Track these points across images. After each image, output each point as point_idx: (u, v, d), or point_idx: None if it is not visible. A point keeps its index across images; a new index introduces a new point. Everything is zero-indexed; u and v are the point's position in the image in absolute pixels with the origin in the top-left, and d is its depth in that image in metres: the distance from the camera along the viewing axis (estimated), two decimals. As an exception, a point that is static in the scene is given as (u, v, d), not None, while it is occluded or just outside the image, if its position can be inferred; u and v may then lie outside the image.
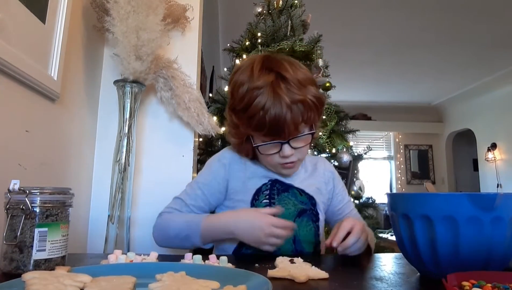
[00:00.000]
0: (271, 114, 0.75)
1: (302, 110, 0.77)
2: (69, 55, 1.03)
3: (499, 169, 5.08)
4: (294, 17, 1.99)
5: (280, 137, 0.79)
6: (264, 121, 0.76)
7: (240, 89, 0.80)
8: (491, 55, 4.27)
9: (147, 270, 0.49)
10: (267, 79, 0.77)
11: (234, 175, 0.90)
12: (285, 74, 0.78)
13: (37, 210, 0.54)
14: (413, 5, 3.21)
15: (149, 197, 1.25)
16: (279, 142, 0.80)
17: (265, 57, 0.84)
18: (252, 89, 0.78)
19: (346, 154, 1.82)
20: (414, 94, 5.78)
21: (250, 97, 0.77)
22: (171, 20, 1.21)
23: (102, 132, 1.26)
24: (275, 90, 0.76)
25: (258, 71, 0.80)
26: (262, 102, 0.76)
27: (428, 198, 0.53)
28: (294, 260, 0.64)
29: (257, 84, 0.77)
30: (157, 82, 1.20)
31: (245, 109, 0.79)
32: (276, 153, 0.82)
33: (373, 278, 0.60)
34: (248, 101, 0.78)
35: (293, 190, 0.89)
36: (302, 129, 0.81)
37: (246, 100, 0.78)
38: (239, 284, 0.43)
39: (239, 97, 0.80)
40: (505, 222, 0.50)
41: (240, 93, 0.80)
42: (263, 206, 0.86)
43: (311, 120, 0.81)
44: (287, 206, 0.86)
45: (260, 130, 0.78)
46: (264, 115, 0.76)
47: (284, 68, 0.80)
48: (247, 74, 0.80)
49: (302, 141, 0.83)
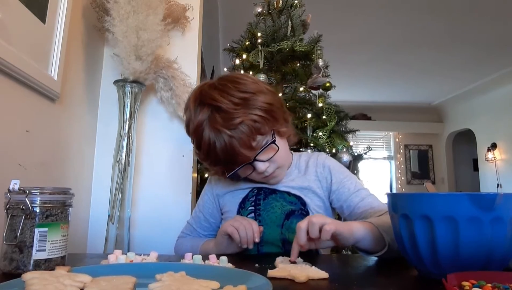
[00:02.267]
0: (218, 148, 0.76)
1: (247, 130, 0.75)
2: (69, 55, 1.03)
3: (499, 169, 5.08)
4: (294, 17, 1.99)
5: (244, 161, 0.78)
6: (216, 155, 0.77)
7: (189, 128, 0.82)
8: (491, 55, 4.27)
9: (147, 270, 0.49)
10: (203, 116, 0.77)
11: (221, 191, 0.95)
12: (218, 104, 0.76)
13: (37, 210, 0.54)
14: (413, 5, 3.22)
15: (149, 197, 1.25)
16: (247, 163, 0.79)
17: (198, 91, 0.82)
18: (195, 127, 0.79)
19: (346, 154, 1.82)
20: (414, 94, 5.78)
21: (197, 135, 0.79)
22: (171, 20, 1.21)
23: (102, 132, 1.26)
24: (213, 125, 0.76)
25: (193, 108, 0.80)
26: (206, 138, 0.77)
27: (428, 198, 0.53)
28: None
29: (197, 120, 0.78)
30: (157, 82, 1.20)
31: (198, 148, 0.81)
32: (252, 172, 0.83)
33: (373, 278, 0.60)
34: (197, 139, 0.79)
35: (281, 191, 0.89)
36: (262, 142, 0.79)
37: (195, 138, 0.81)
38: (239, 284, 0.43)
39: (191, 135, 0.82)
40: (505, 222, 0.50)
41: (190, 131, 0.82)
42: (248, 213, 0.87)
43: (265, 130, 0.78)
44: (274, 210, 0.86)
45: (219, 164, 0.80)
46: (214, 150, 0.76)
47: (215, 100, 0.77)
48: (189, 112, 0.82)
49: (269, 151, 0.80)
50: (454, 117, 6.10)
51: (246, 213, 0.87)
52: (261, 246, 0.84)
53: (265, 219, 0.85)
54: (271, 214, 0.85)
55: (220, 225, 0.95)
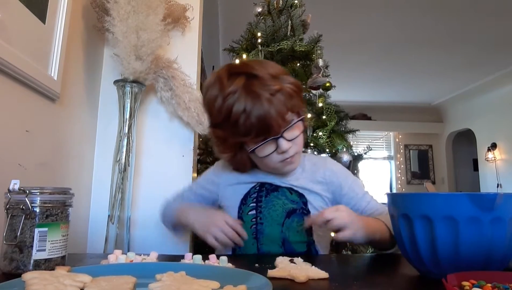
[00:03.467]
0: (254, 114, 0.73)
1: (283, 99, 0.76)
2: (69, 55, 1.03)
3: (499, 169, 5.08)
4: (294, 17, 1.98)
5: (271, 133, 0.77)
6: (250, 123, 0.73)
7: (215, 103, 0.77)
8: (491, 55, 4.27)
9: (147, 270, 0.49)
10: (239, 82, 0.75)
11: (224, 182, 0.93)
12: (254, 72, 0.77)
13: (37, 210, 0.54)
14: (414, 5, 3.21)
15: (149, 197, 1.25)
16: (273, 138, 0.78)
17: (229, 66, 0.82)
18: (226, 97, 0.75)
19: (346, 154, 1.82)
20: (414, 94, 5.78)
21: (228, 105, 0.75)
22: (171, 20, 1.21)
23: (102, 132, 1.26)
24: (251, 89, 0.74)
25: (227, 80, 0.77)
26: (242, 105, 0.73)
27: (428, 198, 0.53)
28: (294, 260, 0.64)
29: (230, 90, 0.75)
30: (157, 82, 1.20)
31: (227, 118, 0.76)
32: (273, 152, 0.80)
33: (373, 278, 0.60)
34: (227, 110, 0.75)
35: (283, 189, 0.88)
36: (291, 119, 0.79)
37: (225, 109, 0.75)
38: (239, 284, 0.43)
39: (216, 111, 0.77)
40: (505, 222, 0.50)
41: (216, 107, 0.77)
42: (249, 209, 0.86)
43: (296, 107, 0.80)
44: (275, 207, 0.85)
45: (249, 134, 0.76)
46: (248, 117, 0.73)
47: (251, 68, 0.78)
48: (217, 87, 0.78)
49: (295, 130, 0.81)
50: (454, 117, 6.09)
51: (248, 210, 0.86)
52: (261, 245, 0.84)
53: (266, 216, 0.85)
54: (272, 212, 0.85)
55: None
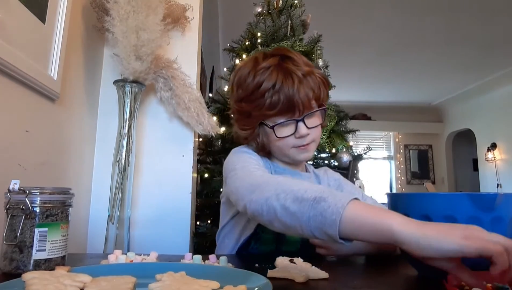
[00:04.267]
0: (283, 90, 0.75)
1: (312, 84, 0.78)
2: (69, 55, 1.03)
3: (499, 169, 5.08)
4: (294, 17, 1.99)
5: (294, 114, 0.78)
6: (277, 98, 0.76)
7: (247, 78, 0.81)
8: (491, 55, 4.27)
9: (147, 270, 0.49)
10: (273, 61, 0.79)
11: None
12: (289, 55, 0.81)
13: (37, 210, 0.54)
14: (413, 5, 3.21)
15: (149, 197, 1.25)
16: (294, 120, 0.79)
17: (264, 51, 0.87)
18: (258, 71, 0.78)
19: (346, 154, 1.82)
20: (414, 94, 5.78)
21: (258, 80, 0.78)
22: (171, 20, 1.21)
23: (102, 132, 1.26)
24: (284, 67, 0.78)
25: (262, 59, 0.81)
26: (273, 80, 0.76)
27: (428, 198, 0.53)
28: (294, 260, 0.64)
29: (263, 65, 0.79)
30: (157, 82, 1.20)
31: (255, 91, 0.78)
32: (291, 135, 0.80)
33: (373, 278, 0.60)
34: (257, 83, 0.78)
35: None
36: (314, 106, 0.81)
37: (255, 83, 0.78)
38: (239, 284, 0.42)
39: (246, 84, 0.80)
40: (505, 222, 0.50)
41: (247, 81, 0.80)
42: None
43: (321, 96, 0.81)
44: None
45: (274, 108, 0.77)
46: (277, 92, 0.76)
47: (287, 51, 0.83)
48: (251, 65, 0.82)
49: (315, 119, 0.82)
50: (454, 117, 6.10)
51: None
52: (280, 245, 0.83)
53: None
54: None
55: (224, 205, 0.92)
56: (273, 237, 0.82)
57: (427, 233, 0.44)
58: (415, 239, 0.44)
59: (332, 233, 0.49)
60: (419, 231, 0.44)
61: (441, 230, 0.44)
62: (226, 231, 0.91)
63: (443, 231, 0.43)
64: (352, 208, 0.50)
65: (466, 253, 0.41)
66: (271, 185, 0.61)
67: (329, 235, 0.50)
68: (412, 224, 0.45)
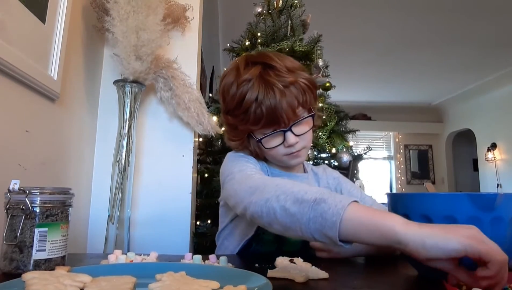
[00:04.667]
0: (265, 104, 0.74)
1: (296, 93, 0.76)
2: (69, 55, 1.03)
3: (499, 169, 5.08)
4: (294, 17, 1.98)
5: (280, 125, 0.77)
6: (260, 112, 0.74)
7: (230, 90, 0.79)
8: (491, 55, 4.27)
9: (147, 270, 0.49)
10: (254, 71, 0.77)
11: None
12: (271, 63, 0.78)
13: (37, 210, 0.54)
14: (413, 5, 3.21)
15: (149, 197, 1.25)
16: (281, 131, 0.78)
17: (247, 56, 0.84)
18: (241, 84, 0.77)
19: (346, 154, 1.82)
20: (414, 94, 5.78)
21: (241, 92, 0.76)
22: (171, 20, 1.21)
23: (102, 132, 1.26)
24: (265, 79, 0.75)
25: (243, 68, 0.79)
26: (254, 94, 0.75)
27: (428, 198, 0.53)
28: (294, 260, 0.64)
29: (245, 77, 0.77)
30: (157, 82, 1.20)
31: (239, 106, 0.77)
32: (280, 144, 0.80)
33: (373, 278, 0.60)
34: (240, 97, 0.77)
35: None
36: (301, 114, 0.79)
37: (238, 96, 0.77)
38: (239, 284, 0.42)
39: (230, 97, 0.79)
40: (505, 222, 0.50)
41: (231, 93, 0.79)
42: None
43: (308, 103, 0.79)
44: None
45: (258, 123, 0.76)
46: (259, 106, 0.74)
47: (269, 59, 0.79)
48: (234, 74, 0.80)
49: (304, 126, 0.81)
50: (454, 117, 6.09)
51: None
52: (282, 246, 0.83)
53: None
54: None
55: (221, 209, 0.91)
56: (274, 238, 0.82)
57: (432, 233, 0.43)
58: (420, 239, 0.43)
59: (332, 235, 0.49)
60: (423, 231, 0.44)
61: (444, 229, 0.44)
62: (226, 233, 0.90)
63: (447, 230, 0.43)
64: (352, 209, 0.49)
65: (469, 253, 0.41)
66: (271, 187, 0.60)
67: (329, 237, 0.50)
68: (414, 225, 0.45)
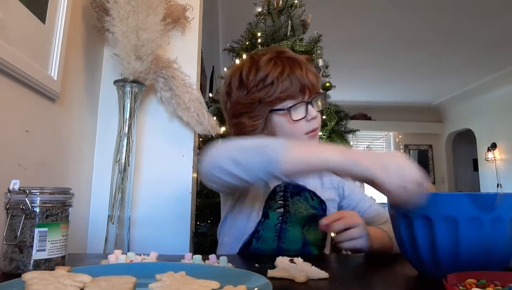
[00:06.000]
0: (293, 74, 0.80)
1: (313, 70, 0.85)
2: (69, 55, 1.03)
3: (499, 169, 5.08)
4: (294, 17, 1.99)
5: (304, 96, 0.82)
6: (289, 82, 0.80)
7: (249, 76, 0.83)
8: (491, 55, 4.27)
9: (147, 270, 0.49)
10: (272, 54, 0.84)
11: None
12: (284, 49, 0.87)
13: (37, 210, 0.54)
14: (413, 5, 3.21)
15: (149, 197, 1.25)
16: (305, 102, 0.82)
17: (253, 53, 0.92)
18: (261, 64, 0.82)
19: (346, 154, 1.81)
20: (414, 94, 5.78)
21: (264, 70, 0.81)
22: (171, 20, 1.21)
23: (102, 132, 1.25)
24: (286, 56, 0.83)
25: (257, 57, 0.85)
26: (279, 67, 0.80)
27: (428, 198, 0.53)
28: (294, 260, 0.64)
29: (264, 58, 0.83)
30: (157, 82, 1.20)
31: (263, 80, 0.81)
32: (303, 118, 0.83)
33: (373, 278, 0.60)
34: (264, 74, 0.81)
35: (305, 193, 0.89)
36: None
37: (261, 74, 0.81)
38: (239, 284, 0.42)
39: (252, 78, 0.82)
40: (505, 222, 0.50)
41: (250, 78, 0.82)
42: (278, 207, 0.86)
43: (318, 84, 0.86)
44: (299, 210, 0.87)
45: (286, 91, 0.80)
46: (287, 76, 0.80)
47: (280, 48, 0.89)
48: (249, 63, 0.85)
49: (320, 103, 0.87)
50: (454, 117, 6.09)
51: (275, 207, 0.86)
52: (282, 243, 0.84)
53: (292, 217, 0.86)
54: (298, 214, 0.86)
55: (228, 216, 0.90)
56: (274, 235, 0.83)
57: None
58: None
59: (273, 169, 0.56)
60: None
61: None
62: (226, 228, 0.91)
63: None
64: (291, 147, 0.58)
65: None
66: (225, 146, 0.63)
67: (270, 172, 0.57)
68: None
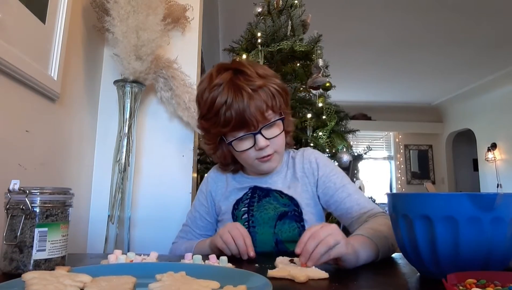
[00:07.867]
0: (234, 107, 0.77)
1: (265, 97, 0.80)
2: (69, 55, 1.03)
3: (499, 169, 5.08)
4: (294, 17, 1.98)
5: (250, 128, 0.80)
6: (230, 115, 0.78)
7: (203, 95, 0.83)
8: (491, 55, 4.27)
9: (147, 270, 0.49)
10: (225, 76, 0.81)
11: (218, 192, 0.96)
12: (242, 69, 0.82)
13: (37, 210, 0.54)
14: (414, 5, 3.21)
15: (149, 197, 1.25)
16: (251, 133, 0.80)
17: (221, 63, 0.87)
18: (212, 88, 0.80)
19: (346, 154, 1.82)
20: (414, 94, 5.78)
21: (212, 96, 0.80)
22: (171, 20, 1.21)
23: (102, 132, 1.26)
24: (235, 83, 0.79)
25: (216, 75, 0.83)
26: (224, 97, 0.78)
27: (428, 198, 0.53)
28: (294, 260, 0.64)
29: (216, 82, 0.80)
30: (157, 82, 1.20)
31: (210, 109, 0.81)
32: (251, 147, 0.82)
33: (373, 278, 0.60)
34: (211, 101, 0.80)
35: (274, 194, 0.89)
36: (271, 117, 0.82)
37: (209, 100, 0.81)
38: (239, 284, 0.43)
39: (203, 102, 0.83)
40: (505, 222, 0.50)
41: (204, 98, 0.82)
42: (242, 214, 0.88)
43: (278, 107, 0.83)
44: (267, 211, 0.87)
45: (228, 125, 0.80)
46: (228, 109, 0.78)
47: (241, 65, 0.83)
48: (207, 80, 0.84)
49: (275, 129, 0.83)
50: (454, 117, 6.09)
51: (240, 214, 0.88)
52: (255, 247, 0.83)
53: (258, 219, 0.86)
54: (264, 215, 0.86)
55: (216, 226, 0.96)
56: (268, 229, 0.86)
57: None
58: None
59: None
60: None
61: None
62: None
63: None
64: None
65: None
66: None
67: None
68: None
